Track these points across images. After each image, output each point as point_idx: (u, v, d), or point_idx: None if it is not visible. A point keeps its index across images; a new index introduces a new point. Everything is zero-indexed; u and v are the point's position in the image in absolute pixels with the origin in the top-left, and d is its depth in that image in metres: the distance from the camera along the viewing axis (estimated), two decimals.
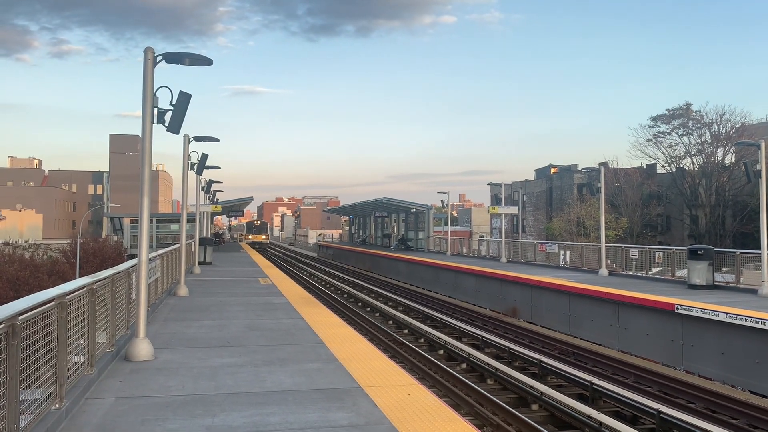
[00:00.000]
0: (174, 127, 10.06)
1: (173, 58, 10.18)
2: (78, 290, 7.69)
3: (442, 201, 51.46)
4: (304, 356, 10.11)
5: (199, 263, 29.33)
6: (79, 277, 18.22)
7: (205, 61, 10.53)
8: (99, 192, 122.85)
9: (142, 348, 9.72)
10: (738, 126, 64.54)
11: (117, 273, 10.26)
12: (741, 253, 22.54)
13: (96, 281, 8.65)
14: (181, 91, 10.11)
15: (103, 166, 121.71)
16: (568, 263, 32.89)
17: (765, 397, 14.34)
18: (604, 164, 61.15)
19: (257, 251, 61.28)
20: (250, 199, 64.26)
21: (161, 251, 18.40)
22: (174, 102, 10.08)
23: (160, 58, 10.10)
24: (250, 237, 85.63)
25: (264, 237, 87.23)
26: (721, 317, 15.97)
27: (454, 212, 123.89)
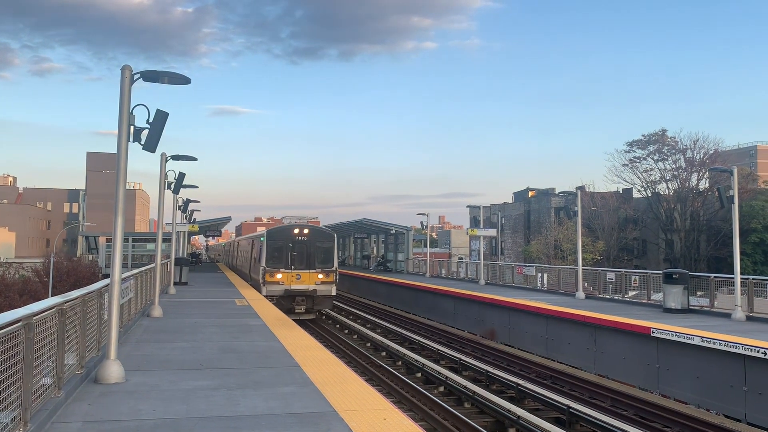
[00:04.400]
0: (150, 146, 9.96)
1: (151, 76, 10.12)
2: (46, 311, 7.50)
3: (421, 223, 51.57)
4: (279, 379, 9.96)
5: (175, 284, 28.94)
6: (52, 296, 17.78)
7: (183, 80, 10.48)
8: (75, 210, 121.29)
9: (113, 370, 9.50)
10: (711, 152, 65.88)
11: (88, 293, 10.05)
12: (715, 277, 22.82)
13: (66, 301, 8.46)
14: (158, 110, 10.05)
15: (80, 184, 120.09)
16: (545, 286, 33.01)
17: (739, 421, 14.42)
18: (581, 188, 61.81)
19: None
20: (228, 219, 63.82)
21: (135, 271, 18.13)
22: (151, 120, 10.01)
23: (138, 76, 10.03)
24: (278, 276, 30.62)
25: (323, 276, 31.15)
26: (696, 341, 16.10)
27: (433, 234, 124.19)
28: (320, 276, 30.56)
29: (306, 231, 31.00)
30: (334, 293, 31.39)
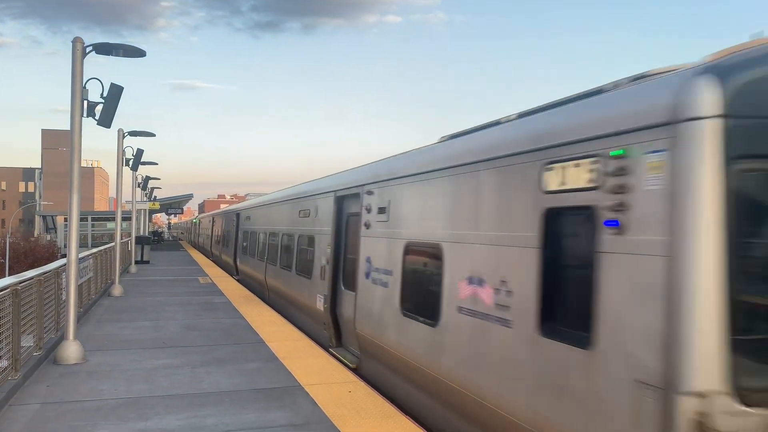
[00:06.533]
0: (105, 121, 9.70)
1: (104, 49, 9.79)
2: (0, 291, 7.30)
3: None
4: (244, 356, 9.92)
5: (136, 262, 28.52)
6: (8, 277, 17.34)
7: (138, 53, 10.19)
8: (31, 189, 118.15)
9: (72, 350, 9.32)
10: None
11: (44, 273, 9.82)
12: None
13: (20, 282, 8.26)
14: (112, 84, 9.78)
15: (36, 162, 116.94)
16: None
17: None
18: None
19: None
20: (190, 196, 62.94)
21: (94, 250, 17.79)
22: (105, 95, 9.73)
23: (90, 48, 9.70)
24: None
25: None
26: None
27: None
28: None
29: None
30: None
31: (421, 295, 7.35)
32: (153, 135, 19.57)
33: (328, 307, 11.09)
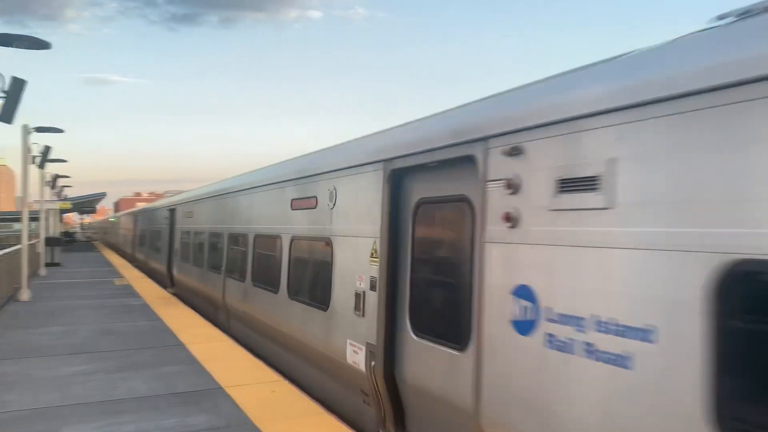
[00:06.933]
0: (6, 117, 9.13)
1: (3, 40, 9.21)
2: None
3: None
4: (162, 360, 9.62)
5: (47, 265, 27.14)
6: None
7: (42, 45, 9.63)
8: None
9: None
10: None
11: None
12: None
13: None
14: (14, 77, 9.21)
15: None
16: None
17: None
18: None
19: None
20: (103, 195, 60.36)
21: None
22: (6, 89, 9.17)
23: None
24: None
25: None
26: None
27: None
28: None
29: None
30: None
31: None
32: (62, 131, 18.65)
33: (379, 366, 6.20)
